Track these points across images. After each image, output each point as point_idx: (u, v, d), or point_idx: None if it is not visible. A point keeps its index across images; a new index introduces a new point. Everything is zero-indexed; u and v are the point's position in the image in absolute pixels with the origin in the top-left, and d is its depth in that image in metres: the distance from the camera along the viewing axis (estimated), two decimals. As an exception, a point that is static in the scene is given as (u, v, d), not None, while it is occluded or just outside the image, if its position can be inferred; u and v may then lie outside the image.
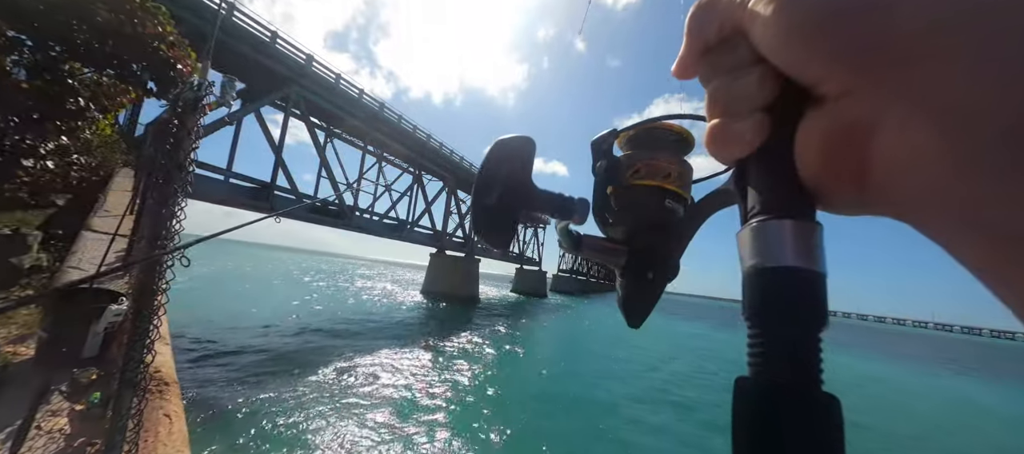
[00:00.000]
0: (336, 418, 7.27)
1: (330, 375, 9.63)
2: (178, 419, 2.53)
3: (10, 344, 2.68)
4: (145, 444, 2.22)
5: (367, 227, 24.04)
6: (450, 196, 31.27)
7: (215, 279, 27.55)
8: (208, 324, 12.78)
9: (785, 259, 0.17)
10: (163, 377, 2.83)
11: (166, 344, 3.28)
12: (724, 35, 0.20)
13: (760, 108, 0.19)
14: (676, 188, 0.27)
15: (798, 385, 0.15)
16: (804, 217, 0.18)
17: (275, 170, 17.14)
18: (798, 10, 0.16)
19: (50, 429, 2.17)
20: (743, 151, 0.20)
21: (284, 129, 17.78)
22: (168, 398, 2.66)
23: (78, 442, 2.12)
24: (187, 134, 1.75)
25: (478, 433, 7.41)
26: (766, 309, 0.17)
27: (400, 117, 23.65)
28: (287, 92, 17.13)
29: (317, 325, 15.60)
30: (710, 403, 10.46)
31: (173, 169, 1.75)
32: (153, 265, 1.74)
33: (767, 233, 0.18)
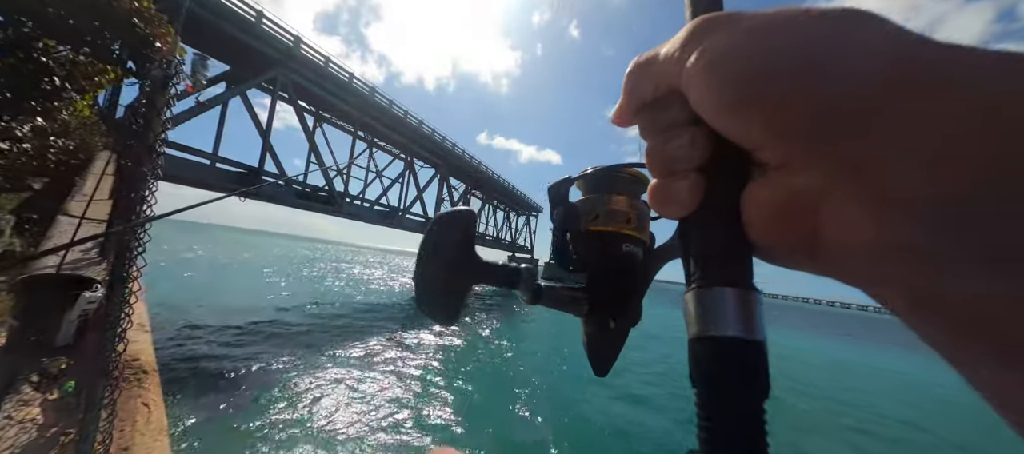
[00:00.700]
0: (325, 407, 7.26)
1: (323, 361, 9.61)
2: (157, 408, 2.48)
3: (-21, 332, 2.60)
4: (121, 433, 2.18)
5: (358, 213, 23.81)
6: (442, 183, 31.04)
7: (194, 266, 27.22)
8: (194, 311, 12.64)
9: (727, 328, 0.17)
10: (141, 365, 2.77)
11: (145, 332, 3.21)
12: (659, 95, 0.20)
13: (696, 169, 0.19)
14: (634, 232, 0.26)
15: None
16: (744, 285, 0.18)
17: (263, 154, 16.80)
18: (732, 79, 0.16)
19: (22, 419, 2.11)
20: (682, 211, 0.20)
21: (271, 113, 17.39)
22: (147, 387, 2.60)
23: (51, 432, 2.07)
24: (157, 114, 1.67)
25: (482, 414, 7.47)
26: (709, 380, 0.17)
27: (391, 102, 23.27)
28: (274, 74, 16.70)
29: (303, 312, 15.52)
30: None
31: (143, 151, 1.67)
32: (123, 251, 1.67)
33: (707, 301, 0.18)
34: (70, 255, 4.32)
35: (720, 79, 0.16)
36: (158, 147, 1.67)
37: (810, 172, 0.15)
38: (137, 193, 1.63)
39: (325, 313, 15.74)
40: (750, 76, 0.15)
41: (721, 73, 0.16)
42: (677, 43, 0.18)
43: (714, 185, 0.19)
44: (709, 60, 0.16)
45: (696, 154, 0.19)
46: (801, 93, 0.14)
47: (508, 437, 7.01)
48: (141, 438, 2.21)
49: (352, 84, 20.34)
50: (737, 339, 0.17)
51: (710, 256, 0.19)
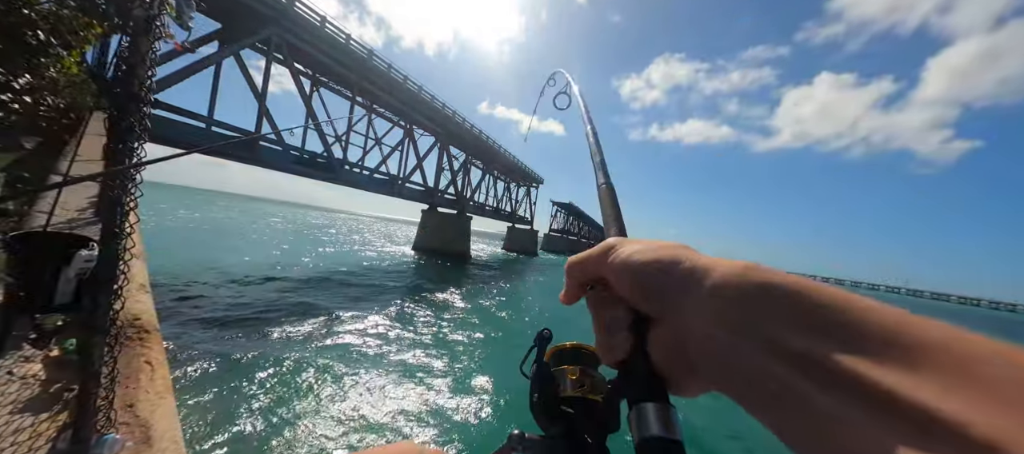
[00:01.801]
0: (326, 370, 7.41)
1: (322, 326, 9.74)
2: (160, 366, 2.49)
3: (-25, 289, 2.57)
4: (126, 390, 2.18)
5: (357, 181, 23.60)
6: (442, 152, 30.62)
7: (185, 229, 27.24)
8: (196, 273, 12.72)
9: (651, 431, 0.23)
10: (143, 325, 2.76)
11: (146, 292, 3.19)
12: (592, 280, 0.31)
13: (626, 328, 0.28)
14: (593, 396, 0.33)
15: None
16: (662, 400, 0.25)
17: (259, 119, 16.44)
18: (630, 272, 0.27)
19: (24, 375, 2.11)
20: (620, 357, 0.28)
21: (266, 75, 16.90)
22: (149, 346, 2.60)
23: (54, 388, 2.06)
24: (141, 60, 1.55)
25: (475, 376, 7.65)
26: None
27: (390, 66, 22.61)
28: (268, 34, 16.10)
29: (306, 277, 15.63)
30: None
31: (127, 100, 1.56)
32: (114, 205, 1.60)
33: (640, 413, 0.24)
34: (66, 216, 4.26)
35: (626, 275, 0.28)
36: (144, 95, 1.57)
37: (673, 321, 0.25)
38: (125, 144, 1.54)
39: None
40: (644, 276, 0.27)
41: (627, 272, 0.28)
42: (601, 250, 0.30)
43: (638, 337, 0.27)
44: (620, 264, 0.28)
45: (625, 318, 0.28)
46: (663, 284, 0.26)
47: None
48: (145, 395, 2.22)
49: (349, 46, 19.68)
50: (661, 437, 0.23)
51: (640, 383, 0.26)
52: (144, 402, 2.19)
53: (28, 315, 2.21)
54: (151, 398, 2.23)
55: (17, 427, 1.83)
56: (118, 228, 1.62)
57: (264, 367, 6.99)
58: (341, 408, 6.11)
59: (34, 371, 2.14)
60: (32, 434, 1.82)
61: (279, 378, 6.70)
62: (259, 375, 6.67)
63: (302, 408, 5.93)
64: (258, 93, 16.12)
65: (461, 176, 34.93)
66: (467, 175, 36.52)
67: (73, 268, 2.51)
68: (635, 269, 0.27)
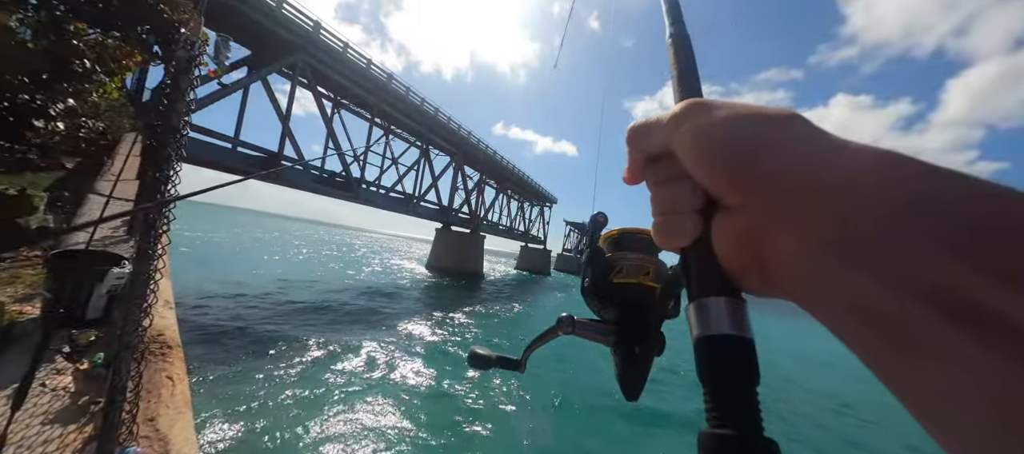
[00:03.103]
0: (343, 389, 7.44)
1: (330, 345, 9.83)
2: (181, 381, 2.57)
3: (16, 303, 2.72)
4: (147, 405, 2.26)
5: (374, 200, 24.08)
6: (457, 171, 31.09)
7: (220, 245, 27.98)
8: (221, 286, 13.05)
9: (722, 328, 0.21)
10: (166, 340, 2.87)
11: (170, 308, 3.32)
12: (656, 153, 0.26)
13: (694, 210, 0.24)
14: (649, 282, 0.32)
15: (743, 435, 0.18)
16: (733, 295, 0.22)
17: (282, 139, 17.07)
18: (706, 146, 0.22)
19: (54, 387, 2.22)
20: (684, 243, 0.25)
21: (291, 98, 17.61)
22: (171, 361, 2.70)
23: (82, 401, 2.16)
24: (181, 95, 1.69)
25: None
26: (711, 371, 0.21)
27: (408, 89, 23.30)
28: (294, 60, 16.86)
29: (328, 294, 15.85)
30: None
31: (167, 131, 1.70)
32: (149, 228, 1.72)
33: (706, 309, 0.22)
34: (99, 233, 4.48)
35: (701, 149, 0.22)
36: (182, 128, 1.70)
37: (759, 212, 0.21)
38: (162, 173, 1.66)
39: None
40: (719, 150, 0.22)
41: (702, 145, 0.22)
42: (669, 117, 0.25)
43: (707, 222, 0.24)
44: (693, 135, 0.23)
45: (694, 199, 0.24)
46: (750, 165, 0.21)
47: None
48: (166, 410, 2.30)
49: (370, 71, 20.41)
50: (731, 336, 0.21)
51: (707, 274, 0.23)
52: (164, 417, 2.27)
53: (65, 330, 2.34)
54: (171, 413, 2.31)
55: (46, 438, 1.92)
56: (151, 250, 1.73)
57: (274, 382, 7.08)
58: (346, 424, 6.12)
59: (65, 383, 2.25)
60: (60, 445, 1.90)
61: (288, 393, 6.76)
62: (267, 389, 6.75)
63: (308, 421, 5.96)
64: (282, 115, 16.79)
65: (475, 195, 35.29)
66: (481, 194, 36.89)
67: (106, 285, 2.65)
68: (715, 139, 0.22)
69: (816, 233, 0.18)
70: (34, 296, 2.87)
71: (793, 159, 0.20)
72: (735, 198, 0.22)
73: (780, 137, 0.20)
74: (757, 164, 0.20)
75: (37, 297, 2.85)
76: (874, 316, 0.16)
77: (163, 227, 1.75)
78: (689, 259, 0.25)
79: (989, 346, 0.13)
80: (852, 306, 0.17)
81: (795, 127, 0.20)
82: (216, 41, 2.45)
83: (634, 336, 0.32)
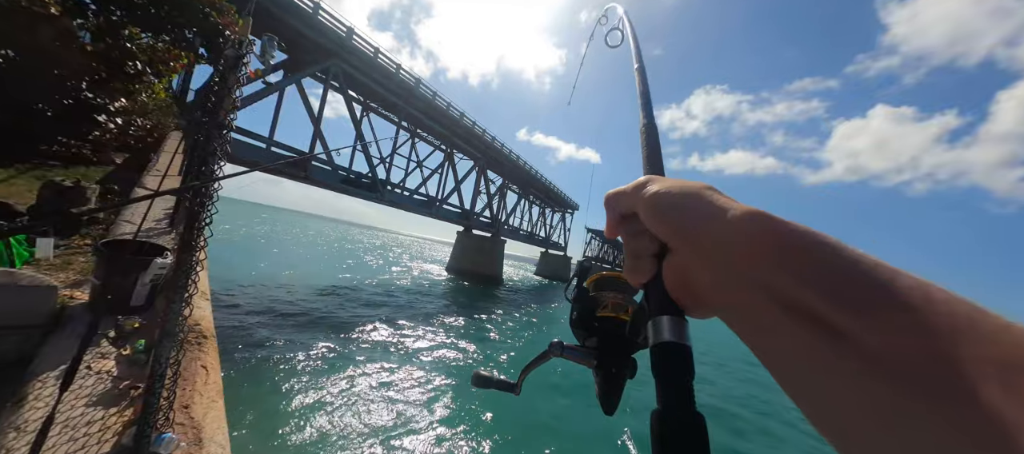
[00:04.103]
0: (361, 383, 7.55)
1: (362, 341, 9.99)
2: (214, 371, 2.64)
3: (68, 288, 2.87)
4: (183, 393, 2.33)
5: (398, 201, 24.50)
6: (480, 175, 31.29)
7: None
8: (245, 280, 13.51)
9: (666, 337, 0.28)
10: (202, 331, 2.96)
11: (206, 300, 3.43)
12: (626, 213, 0.33)
13: (651, 254, 0.31)
14: (625, 317, 0.39)
15: (680, 412, 0.25)
16: (677, 314, 0.29)
17: (313, 141, 17.63)
18: (654, 208, 0.30)
19: (99, 370, 2.31)
20: (645, 279, 0.32)
21: (323, 101, 18.18)
22: (205, 350, 2.77)
23: (123, 384, 2.24)
24: (228, 92, 1.74)
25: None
26: (658, 367, 0.27)
27: (435, 94, 23.67)
28: (327, 65, 17.42)
29: (350, 293, 16.19)
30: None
31: (213, 128, 1.75)
32: (192, 220, 1.77)
33: (658, 324, 0.29)
34: (144, 226, 4.70)
35: (651, 210, 0.30)
36: (228, 124, 1.75)
37: (685, 252, 0.28)
38: (207, 166, 1.71)
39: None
40: (663, 210, 0.29)
41: (651, 207, 0.30)
42: (632, 187, 0.33)
43: (660, 263, 0.31)
44: (646, 201, 0.30)
45: (651, 246, 0.31)
46: (679, 221, 0.28)
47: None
48: (200, 398, 2.36)
49: (399, 75, 20.85)
50: (673, 342, 0.27)
51: (659, 300, 0.30)
52: (198, 405, 2.33)
53: (113, 315, 2.44)
54: (204, 401, 2.37)
55: (90, 419, 2.00)
56: (194, 241, 1.78)
57: (296, 375, 7.24)
58: (362, 417, 6.18)
59: (108, 367, 2.34)
60: (101, 427, 1.98)
61: (312, 386, 6.90)
62: (290, 382, 6.91)
63: (330, 414, 6.05)
64: (314, 118, 17.35)
65: (497, 200, 35.41)
66: (503, 199, 36.98)
67: (149, 274, 2.76)
68: (658, 203, 0.30)
69: (714, 266, 0.26)
70: (84, 282, 3.03)
71: (699, 219, 0.27)
72: (674, 244, 0.29)
73: (693, 203, 0.28)
74: (683, 220, 0.28)
75: (86, 283, 3.00)
76: (748, 315, 0.24)
77: (205, 220, 1.80)
78: (649, 291, 0.31)
79: (798, 323, 0.21)
80: (740, 312, 0.25)
81: (704, 195, 0.28)
82: (263, 41, 2.54)
83: (612, 360, 0.38)
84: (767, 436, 9.63)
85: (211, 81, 2.05)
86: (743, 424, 9.96)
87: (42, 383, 2.10)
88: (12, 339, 2.31)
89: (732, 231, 0.25)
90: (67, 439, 1.83)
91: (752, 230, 0.24)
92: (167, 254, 2.92)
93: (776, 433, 9.85)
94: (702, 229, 0.26)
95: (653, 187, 0.30)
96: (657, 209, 0.29)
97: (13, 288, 2.30)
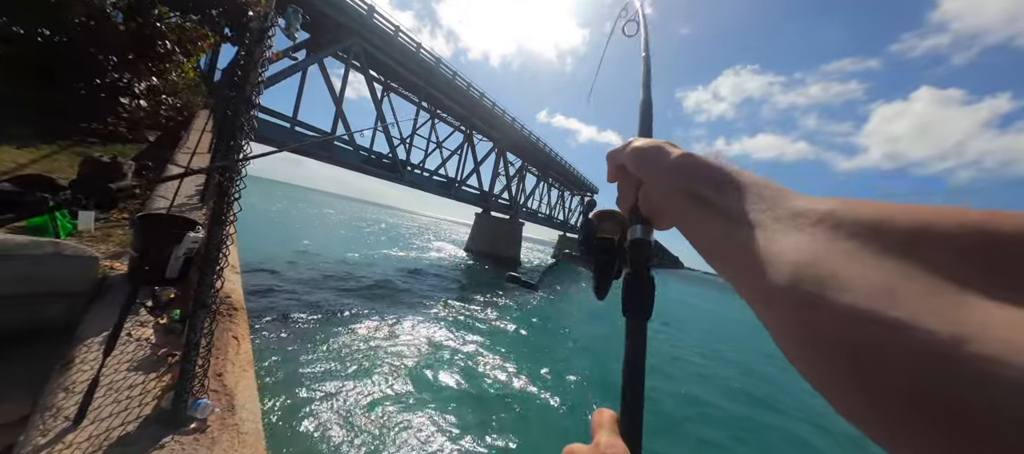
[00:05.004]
0: (386, 352, 7.77)
1: (371, 319, 10.26)
2: (244, 341, 2.74)
3: (108, 259, 3.00)
4: (216, 362, 2.42)
5: (418, 182, 24.68)
6: (499, 157, 31.13)
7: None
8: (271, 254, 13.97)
9: (637, 236, 0.41)
10: (232, 303, 3.06)
11: (236, 273, 3.54)
12: (619, 164, 0.44)
13: (634, 189, 0.42)
14: (617, 238, 0.49)
15: (639, 274, 0.40)
16: (646, 223, 0.41)
17: (335, 121, 17.83)
18: (633, 157, 0.40)
19: (139, 337, 2.42)
20: (629, 206, 0.43)
21: (344, 81, 18.30)
22: (236, 322, 2.87)
23: (161, 352, 2.35)
24: (254, 66, 1.74)
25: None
26: (633, 253, 0.41)
27: (455, 73, 23.47)
28: (349, 44, 17.44)
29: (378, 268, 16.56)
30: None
31: (240, 102, 1.75)
32: (223, 195, 1.79)
33: (634, 230, 0.41)
34: (177, 201, 4.86)
35: (632, 158, 0.41)
36: (254, 99, 1.75)
37: (649, 185, 0.39)
38: (235, 142, 1.72)
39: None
40: (637, 159, 0.40)
41: (632, 157, 0.41)
42: (624, 145, 0.43)
43: (636, 194, 0.41)
44: (630, 153, 0.41)
45: (633, 185, 0.42)
46: (646, 163, 0.39)
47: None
48: (232, 367, 2.45)
49: (419, 55, 20.72)
50: (641, 239, 0.41)
51: (635, 217, 0.42)
52: (230, 373, 2.42)
53: (150, 286, 2.54)
54: (236, 370, 2.46)
55: (132, 383, 2.10)
56: (224, 216, 1.81)
57: (320, 349, 7.50)
58: (380, 398, 6.37)
59: (147, 335, 2.45)
60: (142, 391, 2.08)
61: (335, 362, 7.15)
62: (313, 355, 7.17)
63: (354, 391, 6.26)
64: (336, 97, 17.49)
65: (516, 182, 35.26)
66: (522, 181, 36.80)
67: (182, 247, 2.85)
68: (635, 154, 0.40)
69: (663, 186, 0.36)
70: (122, 254, 3.16)
71: (656, 160, 0.38)
72: (644, 178, 0.39)
73: (654, 152, 0.38)
74: (648, 163, 0.38)
75: (125, 255, 3.13)
76: (679, 212, 0.34)
77: (235, 195, 1.82)
78: (631, 213, 0.42)
79: (700, 208, 0.32)
80: (675, 212, 0.35)
81: (662, 147, 0.38)
82: (288, 13, 2.52)
83: (605, 262, 0.48)
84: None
85: (238, 57, 2.05)
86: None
87: (87, 348, 2.21)
88: (59, 306, 2.43)
89: (672, 163, 0.36)
90: (111, 401, 1.93)
91: (682, 161, 0.35)
92: (199, 228, 3.00)
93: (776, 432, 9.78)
94: (658, 166, 0.37)
95: (635, 144, 0.42)
96: (635, 157, 0.41)
97: (59, 257, 2.41)
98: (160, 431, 1.87)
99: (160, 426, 1.89)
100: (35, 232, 2.97)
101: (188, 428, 1.92)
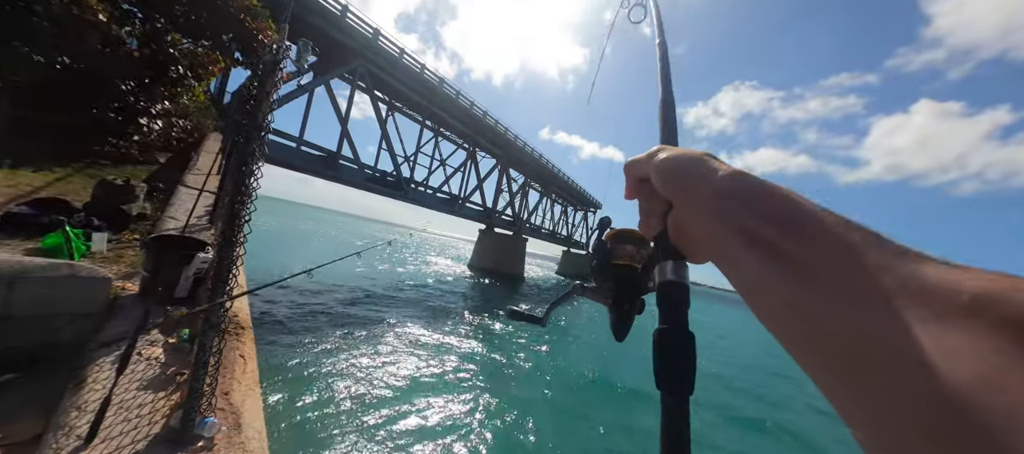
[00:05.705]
0: (390, 366, 7.74)
1: (387, 333, 10.25)
2: (251, 360, 2.78)
3: (120, 279, 3.08)
4: (223, 380, 2.47)
5: (421, 199, 24.87)
6: (502, 174, 31.38)
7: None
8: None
9: (669, 277, 0.33)
10: (240, 322, 3.12)
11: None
12: (641, 178, 0.37)
13: (660, 213, 0.36)
14: (637, 265, 0.44)
15: (675, 330, 0.31)
16: (677, 258, 0.34)
17: (340, 140, 18.12)
18: (661, 171, 0.34)
19: (148, 356, 2.47)
20: (654, 233, 0.37)
21: (350, 101, 18.65)
22: (243, 341, 2.92)
23: (170, 371, 2.39)
24: (266, 96, 1.83)
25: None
26: (661, 299, 0.33)
27: (458, 92, 23.88)
28: (354, 66, 17.86)
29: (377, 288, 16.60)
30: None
31: (252, 130, 1.84)
32: (233, 218, 1.87)
33: (663, 267, 0.34)
34: (183, 218, 4.97)
35: (659, 173, 0.34)
36: (266, 127, 1.84)
37: (682, 210, 0.32)
38: (247, 166, 1.81)
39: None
40: (667, 173, 0.33)
41: (659, 171, 0.34)
42: (646, 156, 0.36)
43: (665, 219, 0.35)
44: (655, 166, 0.34)
45: (661, 205, 0.36)
46: (682, 180, 0.32)
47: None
48: (238, 386, 2.49)
49: (423, 75, 21.14)
50: (673, 281, 0.33)
51: (665, 248, 0.35)
52: (237, 392, 2.46)
53: (160, 306, 2.61)
54: (242, 389, 2.50)
55: (141, 402, 2.15)
56: (234, 238, 1.88)
57: (325, 366, 7.50)
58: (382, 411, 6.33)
59: (156, 354, 2.51)
60: (151, 410, 2.12)
61: (335, 379, 7.13)
62: (316, 371, 7.16)
63: (356, 405, 6.24)
64: (342, 118, 17.83)
65: (519, 198, 35.44)
66: (525, 197, 36.99)
67: (192, 267, 2.93)
68: (666, 168, 0.34)
69: (706, 215, 0.29)
70: (133, 274, 3.24)
71: (697, 178, 0.31)
72: (677, 200, 0.33)
73: (693, 167, 0.32)
74: (684, 181, 0.32)
75: (136, 276, 3.21)
76: (727, 252, 0.28)
77: (245, 217, 1.89)
78: (658, 242, 0.36)
79: (770, 261, 0.24)
80: (721, 251, 0.28)
81: (703, 160, 0.32)
82: (299, 46, 2.64)
83: (624, 297, 0.43)
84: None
85: (249, 84, 2.15)
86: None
87: (99, 367, 2.27)
88: (72, 326, 2.50)
89: (719, 187, 0.29)
90: (122, 419, 1.97)
91: (734, 185, 0.28)
92: (208, 249, 3.08)
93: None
94: (699, 186, 0.30)
95: (662, 155, 0.34)
96: (664, 172, 0.33)
97: (74, 279, 2.49)
98: (168, 450, 1.91)
99: (168, 445, 1.93)
100: (50, 252, 3.06)
101: (195, 447, 1.95)
